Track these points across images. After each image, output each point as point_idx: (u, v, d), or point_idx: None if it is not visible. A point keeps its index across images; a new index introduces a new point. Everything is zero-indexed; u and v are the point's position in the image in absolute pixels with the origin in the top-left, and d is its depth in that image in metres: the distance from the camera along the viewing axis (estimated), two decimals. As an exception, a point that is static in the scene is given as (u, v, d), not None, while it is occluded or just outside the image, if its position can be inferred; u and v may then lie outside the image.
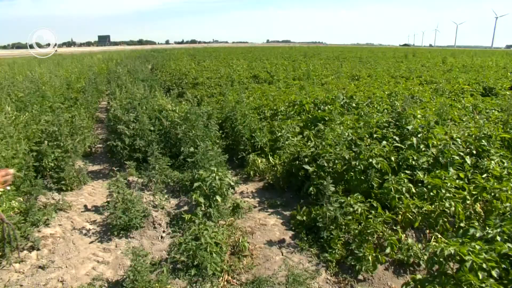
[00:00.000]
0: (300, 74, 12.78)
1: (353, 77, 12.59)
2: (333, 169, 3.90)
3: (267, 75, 12.61)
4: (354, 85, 9.57)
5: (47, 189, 4.41)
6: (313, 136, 4.83)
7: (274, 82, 11.17)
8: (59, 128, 4.87)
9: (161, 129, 5.48)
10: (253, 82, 11.41)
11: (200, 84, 10.87)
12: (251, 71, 14.29)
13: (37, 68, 14.73)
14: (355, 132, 4.61)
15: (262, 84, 10.49)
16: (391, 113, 5.42)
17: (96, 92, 10.13)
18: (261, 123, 5.73)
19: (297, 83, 10.38)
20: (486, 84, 10.15)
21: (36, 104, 6.46)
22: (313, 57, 26.29)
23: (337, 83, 9.97)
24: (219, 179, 3.69)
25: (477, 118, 5.41)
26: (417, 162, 3.93)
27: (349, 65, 18.30)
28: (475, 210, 3.42)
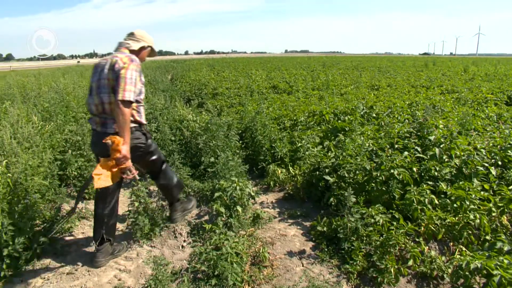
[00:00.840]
0: (319, 84, 12.78)
1: (372, 87, 12.50)
2: (353, 179, 3.88)
3: (286, 85, 12.64)
4: (374, 95, 9.51)
5: (71, 197, 4.50)
6: (333, 146, 4.82)
7: (293, 92, 11.19)
8: (83, 138, 4.98)
9: (182, 139, 5.55)
10: (272, 93, 11.45)
11: (219, 95, 10.98)
12: (270, 81, 14.35)
13: (61, 79, 15.14)
14: (375, 143, 4.58)
15: (281, 95, 10.51)
16: (412, 123, 5.36)
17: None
18: (281, 134, 5.75)
19: (316, 93, 10.38)
20: (510, 93, 9.94)
21: (60, 114, 6.63)
22: (331, 67, 26.22)
23: (357, 93, 9.93)
24: (240, 190, 3.71)
25: (502, 128, 5.30)
26: (439, 173, 3.87)
27: (368, 74, 18.19)
28: (501, 223, 3.33)
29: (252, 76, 17.18)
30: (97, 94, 3.00)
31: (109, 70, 2.95)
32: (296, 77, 15.67)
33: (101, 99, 2.98)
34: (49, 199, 4.01)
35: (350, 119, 5.99)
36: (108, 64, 2.97)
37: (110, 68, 2.94)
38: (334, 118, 6.48)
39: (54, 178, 4.25)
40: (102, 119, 3.04)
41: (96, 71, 3.08)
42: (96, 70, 3.08)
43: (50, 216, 3.65)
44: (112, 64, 2.94)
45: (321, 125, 6.28)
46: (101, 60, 3.12)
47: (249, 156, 5.74)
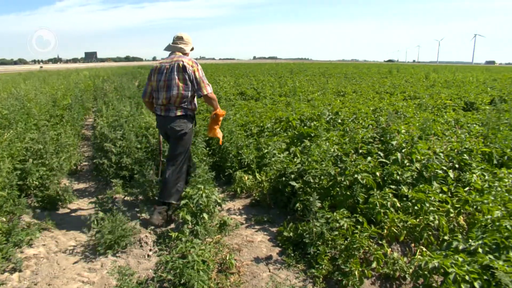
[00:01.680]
0: (287, 91, 12.92)
1: (338, 93, 12.78)
2: (319, 185, 3.95)
3: (254, 92, 12.71)
4: (340, 101, 9.72)
5: (31, 208, 4.34)
6: (299, 152, 4.88)
7: (260, 98, 11.27)
8: (45, 146, 4.83)
9: (148, 147, 5.47)
10: (239, 99, 11.48)
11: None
12: (238, 88, 14.39)
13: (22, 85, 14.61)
14: (340, 148, 4.67)
15: (249, 101, 10.56)
16: (376, 128, 5.51)
17: (82, 109, 10.07)
18: (247, 140, 5.78)
19: (283, 99, 10.49)
20: (467, 99, 10.42)
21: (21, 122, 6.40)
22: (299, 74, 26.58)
23: (323, 99, 10.10)
24: (206, 197, 3.70)
25: (459, 133, 5.54)
26: (401, 177, 4.00)
27: (334, 81, 18.57)
28: (458, 223, 3.49)
29: (220, 82, 17.16)
30: (166, 90, 3.89)
31: (178, 72, 3.87)
32: (264, 84, 15.79)
33: (169, 94, 3.87)
34: (7, 210, 3.85)
35: (316, 125, 6.09)
36: (176, 67, 3.87)
37: (179, 71, 3.86)
38: (301, 124, 6.56)
39: (13, 188, 4.09)
40: (167, 107, 3.95)
41: (161, 72, 3.94)
42: (161, 71, 3.95)
43: (8, 228, 3.50)
44: (181, 67, 3.86)
45: (287, 131, 6.35)
46: (162, 64, 3.97)
47: (216, 163, 5.72)
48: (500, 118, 6.58)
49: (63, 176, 4.97)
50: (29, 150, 4.92)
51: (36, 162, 4.70)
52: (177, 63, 3.89)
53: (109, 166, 5.14)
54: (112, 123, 5.97)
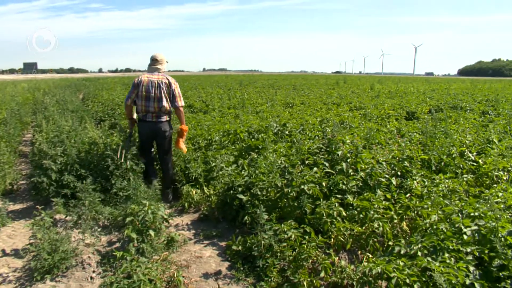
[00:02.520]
0: (235, 103, 12.99)
1: (287, 104, 13.03)
2: (266, 197, 3.98)
3: (202, 105, 12.66)
4: (288, 113, 9.92)
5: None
6: (247, 165, 4.91)
7: (209, 111, 11.24)
8: None
9: (91, 162, 5.26)
10: (188, 112, 11.37)
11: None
12: (186, 100, 14.21)
13: None
14: (287, 160, 4.75)
15: (197, 114, 10.48)
16: (322, 139, 5.66)
17: (19, 124, 9.50)
18: (195, 154, 5.72)
19: (232, 112, 10.53)
20: (408, 109, 11.01)
21: None
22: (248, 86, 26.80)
23: (272, 111, 10.26)
24: (152, 213, 3.62)
25: (400, 141, 5.82)
26: (347, 186, 4.13)
27: (283, 92, 18.93)
28: (401, 229, 3.65)
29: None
30: (157, 101, 4.97)
31: (166, 87, 5.00)
32: (213, 96, 15.76)
33: (159, 104, 4.97)
34: None
35: (264, 137, 6.16)
36: (163, 84, 4.99)
37: (166, 86, 5.00)
38: (249, 136, 6.61)
39: None
40: (158, 114, 5.04)
41: (151, 85, 4.96)
42: (151, 85, 4.96)
43: None
44: (167, 84, 5.01)
45: (235, 144, 6.38)
46: (150, 78, 4.99)
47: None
48: (437, 126, 7.00)
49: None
50: None
51: None
52: (164, 80, 5.03)
53: (48, 185, 4.87)
54: (53, 138, 5.67)
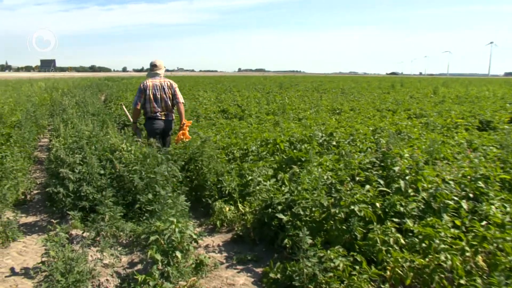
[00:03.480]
0: (275, 108, 13.05)
1: (334, 111, 12.94)
2: (310, 217, 3.93)
3: (238, 109, 12.80)
4: (335, 120, 9.85)
5: None
6: (288, 179, 4.89)
7: (245, 117, 11.37)
8: None
9: (113, 173, 5.40)
10: (221, 117, 11.54)
11: (159, 119, 10.90)
12: (220, 104, 14.47)
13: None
14: (335, 175, 4.69)
15: (232, 120, 10.62)
16: (376, 152, 5.56)
17: (35, 128, 9.94)
18: (229, 165, 5.77)
19: (271, 118, 10.58)
20: (482, 117, 10.51)
21: None
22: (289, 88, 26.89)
23: (316, 118, 10.20)
24: (180, 232, 3.65)
25: (472, 156, 5.56)
26: (405, 209, 4.00)
27: (329, 97, 18.83)
28: (476, 264, 3.36)
29: (199, 98, 17.24)
30: (163, 100, 6.48)
31: (168, 88, 6.52)
32: (249, 100, 15.91)
33: (166, 103, 6.49)
34: None
35: (307, 148, 6.12)
36: (166, 85, 6.51)
37: (168, 88, 6.53)
38: (290, 147, 6.60)
39: None
40: (166, 112, 6.56)
41: (156, 88, 6.45)
42: (155, 88, 6.44)
43: None
44: (168, 86, 6.54)
45: (275, 155, 6.38)
46: (154, 83, 6.48)
47: (193, 191, 5.70)
48: (521, 139, 6.59)
49: (6, 207, 4.81)
50: None
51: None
52: (166, 82, 6.56)
53: (65, 196, 5.04)
54: (71, 144, 5.88)
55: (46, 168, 6.70)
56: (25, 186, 6.01)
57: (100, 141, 6.13)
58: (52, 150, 6.01)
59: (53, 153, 5.72)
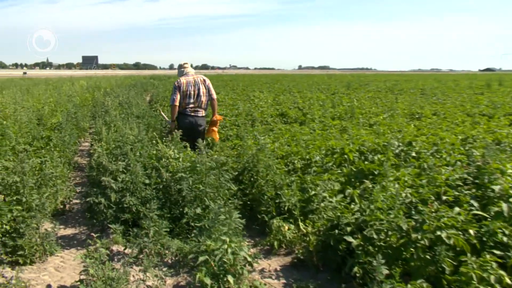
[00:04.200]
0: (342, 112, 12.92)
1: (412, 115, 12.62)
2: (385, 243, 3.82)
3: (299, 113, 12.79)
4: (415, 127, 9.61)
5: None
6: (358, 196, 4.79)
7: (307, 122, 11.33)
8: (22, 178, 4.88)
9: (159, 183, 5.52)
10: (280, 122, 11.57)
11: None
12: (278, 107, 14.51)
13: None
14: (415, 193, 4.55)
15: (292, 125, 10.62)
16: (467, 166, 5.34)
17: (76, 130, 10.37)
18: (289, 178, 5.73)
19: (337, 123, 10.48)
20: None
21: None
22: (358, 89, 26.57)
23: (391, 123, 9.98)
24: (232, 253, 3.65)
25: None
26: (510, 239, 3.79)
27: (407, 99, 18.40)
28: None
29: (254, 99, 17.40)
30: (197, 96, 7.49)
31: (201, 84, 7.55)
32: (312, 102, 15.84)
33: (200, 99, 7.50)
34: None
35: (381, 160, 5.98)
36: (199, 81, 7.57)
37: (202, 83, 7.56)
38: (360, 157, 6.48)
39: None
40: (196, 109, 7.53)
41: (189, 85, 7.47)
42: (189, 85, 7.47)
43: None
44: (201, 81, 7.59)
45: (342, 166, 6.28)
46: (188, 80, 7.53)
47: (248, 206, 5.73)
48: None
49: (45, 218, 4.99)
50: (1, 183, 4.99)
51: (10, 199, 4.75)
52: (199, 78, 7.66)
53: (106, 207, 5.20)
54: (114, 150, 6.08)
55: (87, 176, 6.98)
56: (64, 195, 6.25)
57: (146, 147, 6.29)
58: (94, 155, 6.24)
59: (94, 159, 5.94)
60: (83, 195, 6.50)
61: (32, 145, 7.60)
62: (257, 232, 5.44)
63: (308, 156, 6.71)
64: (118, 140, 6.51)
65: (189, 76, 7.62)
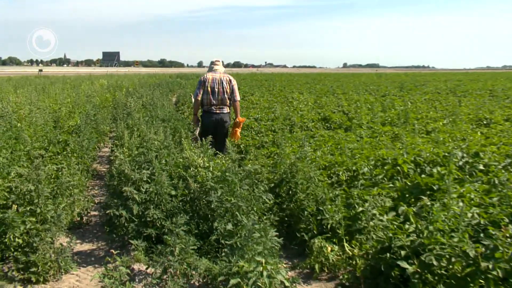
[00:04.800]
0: (393, 117, 12.84)
1: (479, 121, 12.40)
2: (447, 271, 3.73)
3: (344, 118, 12.76)
4: (482, 135, 9.43)
5: (7, 279, 4.43)
6: (413, 215, 4.70)
7: (353, 128, 11.28)
8: (37, 187, 4.95)
9: (186, 195, 5.55)
10: (322, 128, 11.58)
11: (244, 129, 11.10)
12: (320, 110, 14.53)
13: (11, 96, 15.54)
14: (484, 213, 4.43)
15: (336, 131, 10.57)
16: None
17: (95, 134, 10.57)
18: (333, 191, 5.70)
19: (388, 130, 10.42)
20: None
21: (5, 149, 6.74)
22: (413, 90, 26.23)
23: (453, 131, 9.82)
24: (268, 276, 3.64)
25: None
26: None
27: (472, 101, 18.05)
28: None
29: (293, 102, 17.44)
30: (219, 94, 8.32)
31: (227, 83, 8.41)
32: (359, 105, 15.77)
33: (222, 97, 8.34)
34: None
35: (441, 173, 5.86)
36: (225, 80, 8.42)
37: (227, 82, 8.42)
38: (416, 170, 6.41)
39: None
40: (220, 106, 8.40)
41: (215, 82, 8.34)
42: (214, 82, 8.34)
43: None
44: (227, 80, 8.46)
45: (394, 180, 6.21)
46: (214, 76, 8.41)
47: (285, 222, 5.72)
48: None
49: (60, 231, 5.04)
50: (14, 191, 5.07)
51: (23, 209, 4.81)
52: (225, 77, 8.54)
53: (128, 220, 5.24)
54: (137, 157, 6.13)
55: (106, 185, 7.05)
56: (81, 206, 6.33)
57: (172, 154, 6.32)
58: (115, 163, 6.30)
59: (115, 167, 5.99)
60: (102, 206, 6.57)
61: (48, 150, 7.73)
62: (295, 252, 5.42)
63: (354, 167, 6.66)
64: (142, 146, 6.58)
65: (216, 73, 8.53)
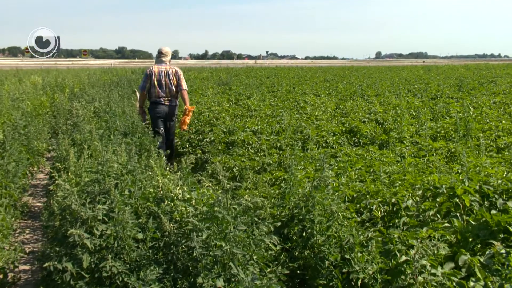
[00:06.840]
0: (448, 128, 12.86)
1: None
2: None
3: (377, 129, 12.80)
4: None
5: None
6: (479, 268, 4.75)
7: (391, 144, 11.30)
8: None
9: (158, 239, 5.58)
10: (347, 144, 11.56)
11: (238, 145, 11.14)
12: (344, 119, 14.39)
13: None
14: None
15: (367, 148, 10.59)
16: None
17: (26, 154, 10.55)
18: (364, 233, 5.73)
19: (441, 146, 10.43)
20: None
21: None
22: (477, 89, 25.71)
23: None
24: None
25: None
26: None
27: None
28: None
29: (306, 107, 17.31)
30: (168, 86, 11.86)
31: (173, 75, 12.00)
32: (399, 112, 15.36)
33: (170, 89, 11.92)
34: None
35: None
36: (171, 72, 11.98)
37: (173, 74, 12.02)
38: (483, 203, 6.41)
39: None
40: (169, 98, 11.98)
41: (161, 75, 11.78)
42: (161, 74, 11.78)
43: None
44: (173, 72, 12.03)
45: (452, 217, 6.21)
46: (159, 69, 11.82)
47: (297, 276, 5.77)
48: None
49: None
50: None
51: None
52: (171, 69, 11.80)
53: (76, 277, 5.24)
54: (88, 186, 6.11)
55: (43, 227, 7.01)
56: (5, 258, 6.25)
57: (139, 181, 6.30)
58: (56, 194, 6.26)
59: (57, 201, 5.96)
60: (37, 257, 6.42)
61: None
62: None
63: (394, 198, 6.64)
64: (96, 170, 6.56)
65: (162, 65, 11.77)
